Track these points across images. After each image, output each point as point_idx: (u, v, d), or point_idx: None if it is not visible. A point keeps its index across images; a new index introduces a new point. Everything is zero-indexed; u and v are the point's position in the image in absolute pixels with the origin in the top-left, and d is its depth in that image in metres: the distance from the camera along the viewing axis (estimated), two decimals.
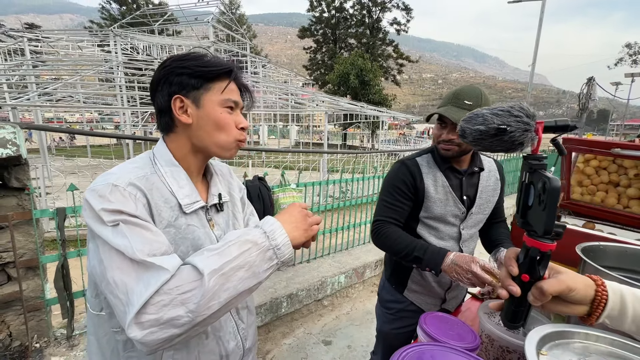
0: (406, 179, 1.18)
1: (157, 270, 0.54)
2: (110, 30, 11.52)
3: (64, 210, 1.79)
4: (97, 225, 0.58)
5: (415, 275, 1.28)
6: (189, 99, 0.69)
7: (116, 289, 0.54)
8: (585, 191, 1.69)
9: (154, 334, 0.51)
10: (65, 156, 11.04)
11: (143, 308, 0.51)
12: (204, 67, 0.68)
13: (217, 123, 0.70)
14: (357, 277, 3.08)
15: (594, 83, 9.54)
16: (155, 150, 0.73)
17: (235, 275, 0.56)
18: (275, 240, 0.62)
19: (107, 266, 0.55)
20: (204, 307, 0.53)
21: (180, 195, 0.69)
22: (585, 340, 0.76)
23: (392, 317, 1.34)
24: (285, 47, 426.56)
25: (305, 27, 30.27)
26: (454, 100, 1.09)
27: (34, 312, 1.80)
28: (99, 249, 0.58)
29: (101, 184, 0.61)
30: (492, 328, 0.95)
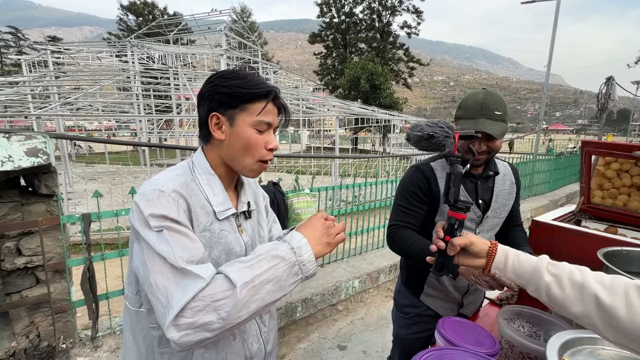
0: (421, 183, 1.18)
1: (194, 277, 0.59)
2: (128, 41, 11.92)
3: (89, 216, 1.87)
4: (144, 229, 0.63)
5: (431, 280, 1.27)
6: (225, 116, 0.72)
7: (157, 291, 0.59)
8: (606, 195, 1.66)
9: (188, 336, 0.56)
10: (85, 163, 11.43)
11: (181, 312, 0.55)
12: (243, 88, 0.71)
13: (245, 144, 0.73)
14: (371, 282, 3.07)
15: (613, 82, 9.23)
16: (194, 159, 0.78)
17: (264, 288, 0.61)
18: (301, 257, 0.65)
19: (150, 269, 0.60)
20: (234, 315, 0.58)
21: (214, 202, 0.74)
22: (608, 346, 0.75)
23: (409, 322, 1.34)
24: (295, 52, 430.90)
25: (316, 33, 30.53)
26: (484, 112, 1.06)
27: (61, 314, 1.88)
28: (144, 251, 0.63)
29: (150, 189, 0.67)
30: (512, 334, 0.95)
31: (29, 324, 1.83)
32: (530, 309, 1.11)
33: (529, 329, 1.09)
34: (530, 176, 7.14)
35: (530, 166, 7.12)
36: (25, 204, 1.75)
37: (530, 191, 7.17)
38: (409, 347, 1.36)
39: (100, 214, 1.90)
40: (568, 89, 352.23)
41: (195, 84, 10.66)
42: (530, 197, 7.10)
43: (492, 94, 1.09)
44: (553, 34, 10.23)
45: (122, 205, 5.69)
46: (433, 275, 1.27)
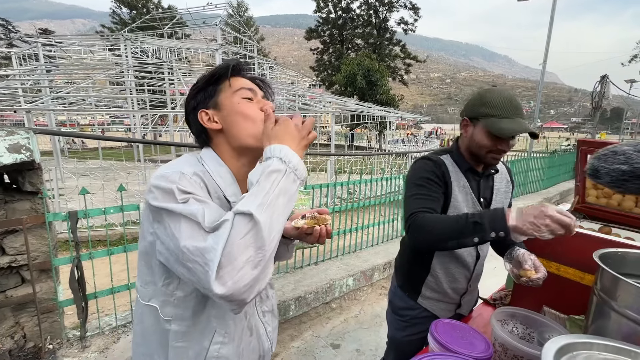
0: (436, 171, 1.12)
1: (221, 227, 0.57)
2: (121, 35, 11.71)
3: (75, 214, 1.82)
4: (169, 202, 0.61)
5: (430, 282, 1.25)
6: (210, 108, 0.75)
7: (191, 254, 0.56)
8: (600, 194, 1.65)
9: (237, 283, 0.54)
10: (77, 158, 11.27)
11: (220, 263, 0.54)
12: (209, 76, 0.75)
13: (241, 114, 0.73)
14: (365, 279, 3.06)
15: (607, 81, 9.31)
16: (202, 154, 0.77)
17: (278, 202, 0.60)
18: (291, 163, 0.64)
19: (180, 237, 0.58)
20: (267, 239, 0.57)
21: (228, 193, 0.73)
22: (605, 351, 0.74)
23: (405, 324, 1.31)
24: (292, 48, 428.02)
25: (312, 29, 30.32)
26: (518, 111, 1.05)
27: (47, 314, 1.84)
28: (170, 226, 0.60)
29: (170, 171, 0.65)
30: (505, 337, 0.93)
31: (14, 325, 1.78)
32: (524, 311, 1.10)
33: (522, 330, 1.08)
34: (524, 174, 7.17)
35: (525, 164, 7.15)
36: (9, 202, 1.70)
37: (524, 189, 7.21)
38: (404, 349, 1.34)
39: (88, 212, 1.85)
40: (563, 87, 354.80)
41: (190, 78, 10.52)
42: (524, 195, 7.14)
43: (512, 93, 1.09)
44: (549, 32, 10.25)
45: (114, 201, 5.61)
46: (433, 277, 1.24)
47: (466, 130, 1.15)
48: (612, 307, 0.82)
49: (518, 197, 6.87)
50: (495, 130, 1.04)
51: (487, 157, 1.12)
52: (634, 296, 0.77)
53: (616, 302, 0.81)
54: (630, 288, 0.77)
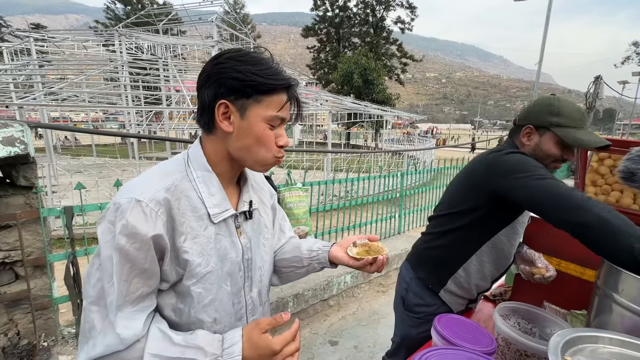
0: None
1: (117, 339, 0.57)
2: (115, 30, 11.57)
3: (71, 209, 1.79)
4: (103, 246, 0.59)
5: (459, 276, 1.21)
6: (235, 106, 0.64)
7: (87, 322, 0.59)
8: (599, 191, 1.66)
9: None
10: (71, 155, 11.13)
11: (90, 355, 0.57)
12: (261, 77, 0.62)
13: (258, 139, 0.66)
14: (363, 277, 3.06)
15: (601, 82, 9.41)
16: (190, 152, 0.70)
17: None
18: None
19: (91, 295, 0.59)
20: None
21: (209, 204, 0.67)
22: (610, 345, 0.74)
23: (420, 321, 1.28)
24: (288, 46, 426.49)
25: (309, 27, 30.23)
26: (587, 122, 1.07)
27: (42, 311, 1.80)
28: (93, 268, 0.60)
29: (125, 198, 0.59)
30: (509, 331, 0.93)
31: (7, 322, 1.75)
32: (526, 306, 1.10)
33: (524, 325, 1.08)
34: None
35: None
36: (3, 197, 1.67)
37: None
38: (419, 346, 1.32)
39: (84, 207, 1.82)
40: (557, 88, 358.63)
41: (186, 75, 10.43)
42: None
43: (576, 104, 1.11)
44: (545, 32, 10.32)
45: (108, 198, 5.54)
46: (462, 272, 1.21)
47: (529, 138, 1.11)
48: (615, 301, 0.82)
49: None
50: (573, 142, 1.02)
51: (550, 165, 1.11)
52: (637, 289, 0.77)
53: (619, 296, 0.81)
54: (634, 281, 0.77)
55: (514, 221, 1.15)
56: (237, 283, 0.73)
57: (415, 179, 4.59)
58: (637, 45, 42.08)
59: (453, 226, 1.19)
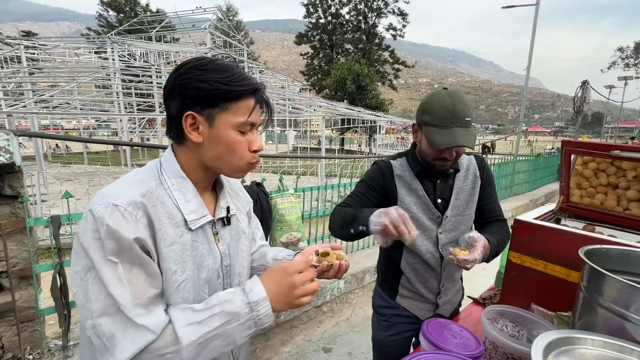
0: (375, 176, 1.19)
1: (143, 330, 0.56)
2: (108, 38, 11.54)
3: (58, 218, 1.76)
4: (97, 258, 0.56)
5: (404, 281, 1.26)
6: (203, 116, 0.63)
7: (102, 335, 0.55)
8: (584, 193, 1.69)
9: None
10: (61, 163, 10.98)
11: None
12: (225, 84, 0.62)
13: (229, 146, 0.66)
14: (356, 282, 3.05)
15: (588, 86, 9.63)
16: (163, 160, 0.69)
17: (213, 344, 0.59)
18: (257, 312, 0.62)
19: (96, 309, 0.55)
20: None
21: (186, 211, 0.66)
22: (592, 346, 0.75)
23: (387, 324, 1.31)
24: (282, 52, 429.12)
25: (302, 33, 30.49)
26: (456, 120, 0.99)
27: (27, 323, 1.76)
28: (89, 283, 0.56)
29: (101, 204, 0.57)
30: (496, 334, 0.93)
31: None
32: (513, 309, 1.11)
33: (512, 328, 1.09)
34: (510, 176, 7.32)
35: (511, 166, 7.30)
36: None
37: (510, 190, 7.36)
38: (388, 350, 1.33)
39: (71, 216, 1.80)
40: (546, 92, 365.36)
41: None
42: (511, 197, 7.28)
43: (459, 97, 1.02)
44: (532, 39, 10.56)
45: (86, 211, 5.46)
46: (406, 277, 1.25)
47: (416, 135, 1.14)
48: (598, 303, 0.83)
49: (506, 199, 7.00)
50: (429, 142, 1.03)
51: (434, 163, 1.11)
52: (619, 291, 0.79)
53: (602, 298, 0.82)
54: (616, 283, 0.79)
55: None
56: (216, 290, 0.72)
57: None
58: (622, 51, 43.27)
59: None
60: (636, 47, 42.10)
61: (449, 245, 1.19)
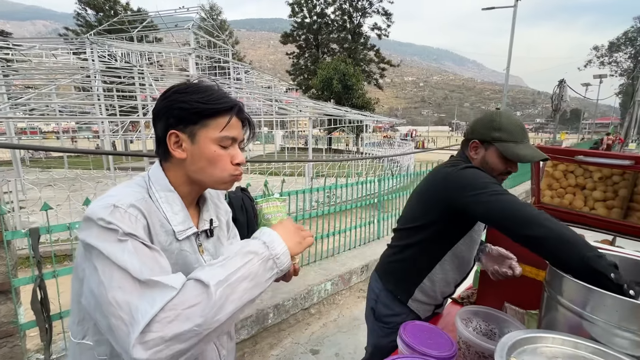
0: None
1: (162, 288, 0.53)
2: (87, 38, 11.22)
3: (37, 231, 1.73)
4: (101, 241, 0.56)
5: (425, 286, 1.26)
6: (185, 133, 0.68)
7: (118, 309, 0.51)
8: (554, 194, 1.78)
9: (159, 353, 0.49)
10: (40, 168, 10.63)
11: (147, 326, 0.49)
12: (203, 103, 0.67)
13: (210, 161, 0.70)
14: (343, 283, 3.10)
15: (564, 85, 9.99)
16: (151, 174, 0.73)
17: (241, 286, 0.57)
18: (274, 250, 0.63)
19: (108, 287, 0.53)
20: (211, 319, 0.52)
21: (174, 222, 0.70)
22: (552, 344, 0.80)
23: (390, 331, 1.32)
24: (268, 52, 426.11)
25: (288, 33, 30.38)
26: (526, 136, 1.13)
27: (7, 338, 1.72)
28: (98, 270, 0.55)
29: (101, 205, 0.60)
30: (468, 335, 0.99)
31: None
32: (486, 309, 1.16)
33: (485, 327, 1.15)
34: None
35: None
36: None
37: None
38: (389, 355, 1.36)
39: (51, 228, 1.77)
40: (527, 90, 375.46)
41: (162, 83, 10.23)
42: None
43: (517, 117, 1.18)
44: (511, 40, 10.86)
45: (81, 213, 5.33)
46: (428, 282, 1.26)
47: (477, 152, 1.18)
48: (559, 302, 0.89)
49: None
50: (512, 156, 1.10)
51: (498, 177, 1.16)
52: (576, 291, 0.85)
53: (562, 297, 0.88)
54: (573, 284, 0.85)
55: (471, 230, 1.21)
56: None
57: (394, 183, 4.70)
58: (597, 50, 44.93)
59: (415, 239, 1.24)
60: (610, 46, 43.82)
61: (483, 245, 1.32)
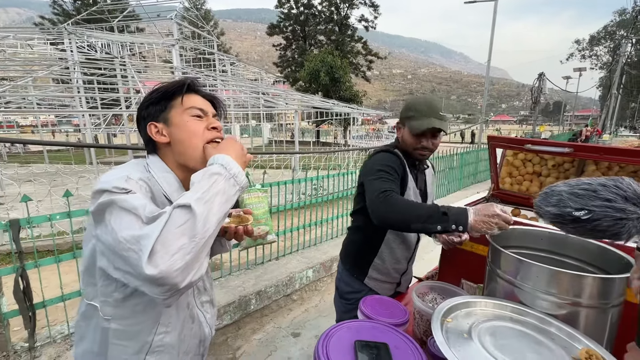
0: (396, 164, 1.26)
1: (156, 217, 0.63)
2: (64, 28, 10.82)
3: (17, 222, 1.76)
4: (112, 195, 0.66)
5: (376, 264, 1.40)
6: (160, 121, 0.80)
7: (127, 243, 0.60)
8: (514, 181, 1.91)
9: (168, 267, 0.57)
10: (19, 163, 10.33)
11: (153, 248, 0.57)
12: (163, 91, 0.80)
13: (188, 132, 0.79)
14: (325, 270, 3.21)
15: (544, 78, 10.29)
16: (149, 161, 0.82)
17: (216, 200, 0.66)
18: (232, 170, 0.71)
19: (118, 230, 0.62)
20: (201, 230, 0.62)
21: (174, 198, 0.78)
22: (485, 307, 0.92)
23: (351, 307, 1.44)
24: (255, 43, 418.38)
25: (274, 24, 29.93)
26: (433, 113, 1.24)
27: None
28: (110, 221, 0.64)
29: (115, 176, 0.70)
30: (420, 305, 1.10)
31: None
32: (441, 284, 1.28)
33: (440, 300, 1.26)
34: (474, 164, 7.76)
35: (474, 155, 7.73)
36: None
37: (474, 178, 7.80)
38: None
39: (31, 220, 1.80)
40: (512, 83, 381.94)
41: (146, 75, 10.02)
42: (474, 184, 7.73)
43: (434, 99, 1.31)
44: (492, 34, 11.06)
45: (63, 208, 5.26)
46: (380, 259, 1.39)
47: (399, 132, 1.36)
48: (497, 274, 1.01)
49: (469, 186, 7.43)
50: (412, 129, 1.26)
51: (414, 153, 1.32)
52: (509, 263, 0.97)
53: (499, 269, 1.00)
54: (506, 256, 0.97)
55: None
56: None
57: None
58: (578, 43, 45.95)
59: (360, 222, 1.40)
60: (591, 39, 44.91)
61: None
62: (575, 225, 0.51)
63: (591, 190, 0.49)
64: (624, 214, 0.46)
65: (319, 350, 0.76)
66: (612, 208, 0.46)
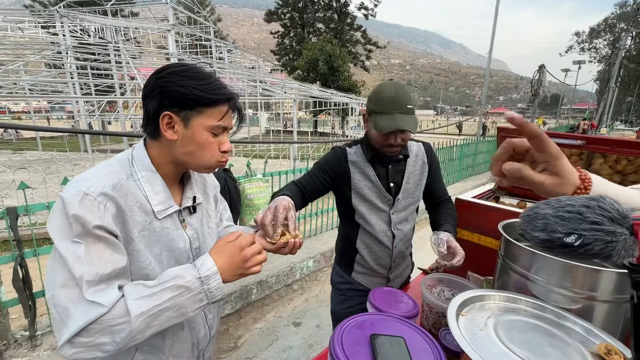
0: (330, 161, 1.27)
1: (95, 304, 0.60)
2: (56, 11, 10.49)
3: (15, 210, 1.72)
4: (59, 238, 0.61)
5: (359, 259, 1.38)
6: (179, 116, 0.70)
7: (58, 307, 0.60)
8: None
9: (80, 354, 0.60)
10: (12, 150, 10.15)
11: (77, 333, 0.58)
12: (202, 91, 0.68)
13: (201, 146, 0.73)
14: (325, 260, 3.22)
15: (544, 70, 10.23)
16: (135, 153, 0.75)
17: (163, 315, 0.64)
18: (209, 285, 0.67)
19: (57, 281, 0.61)
20: (127, 340, 0.61)
21: (154, 202, 0.73)
22: (498, 300, 0.91)
23: (343, 298, 1.44)
24: (252, 30, 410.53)
25: (272, 11, 29.30)
26: (398, 107, 1.10)
27: None
28: (55, 259, 0.62)
29: (73, 191, 0.63)
30: (431, 298, 1.09)
31: None
32: (449, 276, 1.28)
33: (448, 292, 1.26)
34: (473, 156, 7.76)
35: (473, 147, 7.73)
36: None
37: (472, 170, 7.82)
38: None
39: (29, 207, 1.76)
40: (510, 75, 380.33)
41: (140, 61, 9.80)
42: (472, 176, 7.75)
43: (402, 88, 1.13)
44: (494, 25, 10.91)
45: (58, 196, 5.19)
46: (360, 255, 1.36)
47: (366, 124, 1.24)
48: (510, 267, 1.00)
49: (467, 178, 7.45)
50: (375, 126, 1.13)
51: (382, 150, 1.20)
52: (523, 256, 0.96)
53: (512, 262, 0.99)
54: (521, 250, 0.95)
55: (352, 204, 1.29)
56: None
57: None
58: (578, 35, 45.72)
59: (340, 218, 1.41)
60: (591, 32, 44.66)
61: (400, 224, 1.33)
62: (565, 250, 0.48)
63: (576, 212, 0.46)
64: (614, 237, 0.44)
65: (335, 344, 0.75)
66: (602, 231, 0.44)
